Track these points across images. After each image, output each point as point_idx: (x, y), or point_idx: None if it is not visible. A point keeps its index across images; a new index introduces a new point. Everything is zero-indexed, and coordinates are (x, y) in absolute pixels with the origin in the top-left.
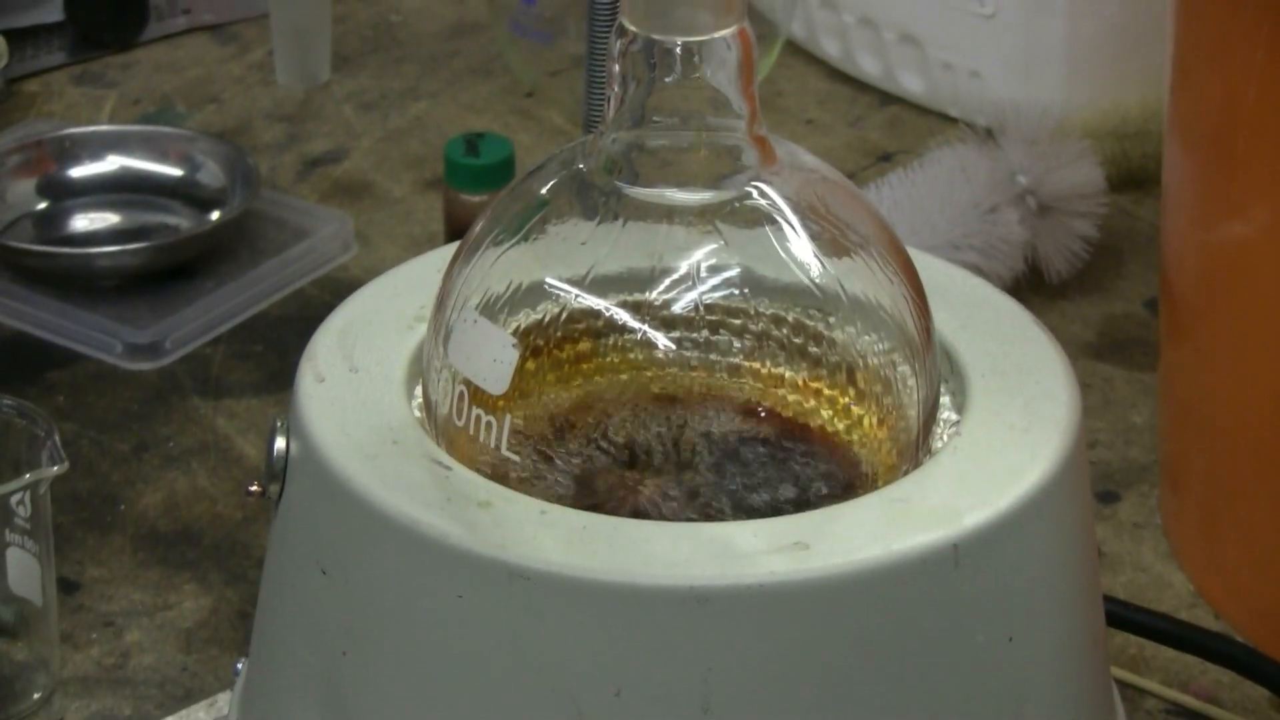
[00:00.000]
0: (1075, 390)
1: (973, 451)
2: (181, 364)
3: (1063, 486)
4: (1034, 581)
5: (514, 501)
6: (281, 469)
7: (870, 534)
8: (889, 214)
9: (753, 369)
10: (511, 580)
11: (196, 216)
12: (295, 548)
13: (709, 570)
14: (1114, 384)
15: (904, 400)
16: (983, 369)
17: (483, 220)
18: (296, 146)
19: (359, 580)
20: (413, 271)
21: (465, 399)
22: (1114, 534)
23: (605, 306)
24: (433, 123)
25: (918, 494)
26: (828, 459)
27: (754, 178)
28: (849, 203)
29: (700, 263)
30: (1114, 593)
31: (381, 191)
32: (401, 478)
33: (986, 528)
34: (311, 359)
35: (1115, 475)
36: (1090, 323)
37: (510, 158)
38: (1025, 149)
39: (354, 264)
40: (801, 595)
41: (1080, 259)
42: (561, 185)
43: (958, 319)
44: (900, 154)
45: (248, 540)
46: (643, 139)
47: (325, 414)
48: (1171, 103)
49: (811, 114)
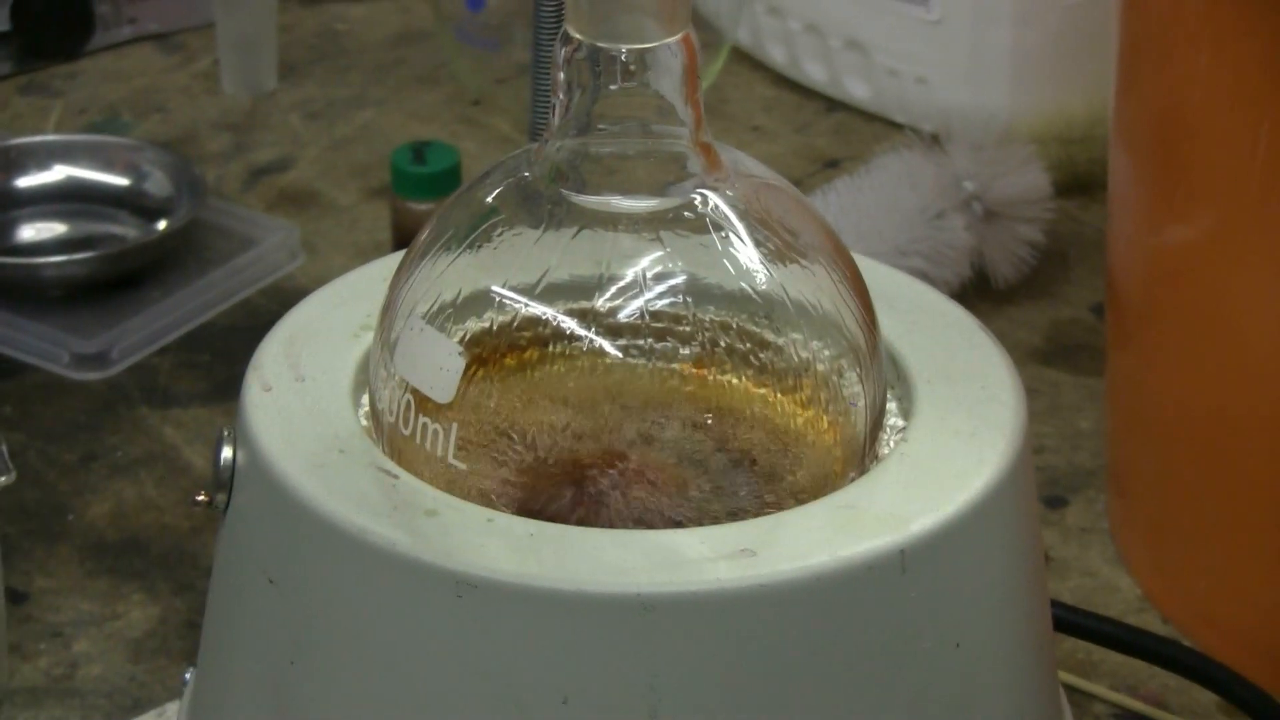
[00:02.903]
0: (1022, 395)
1: (919, 457)
2: (129, 374)
3: (1010, 492)
4: (981, 587)
5: (460, 510)
6: (228, 478)
7: (817, 540)
8: (835, 220)
9: (699, 376)
10: (458, 588)
11: (143, 226)
12: (242, 557)
13: (656, 577)
14: (1061, 389)
15: (850, 407)
16: (929, 375)
17: (429, 228)
18: (243, 155)
19: (306, 589)
20: (359, 280)
21: (412, 407)
22: (1061, 539)
23: (552, 314)
24: (379, 131)
25: (865, 500)
26: (774, 465)
27: (699, 185)
28: (795, 210)
29: (646, 270)
30: (1062, 597)
31: (328, 200)
32: (348, 487)
33: (933, 533)
34: (258, 368)
35: (1062, 480)
36: (1037, 328)
37: (457, 166)
38: (971, 155)
39: (301, 273)
40: (748, 602)
41: (1027, 264)
42: (507, 193)
43: (904, 325)
44: (847, 160)
45: (195, 550)
46: (588, 146)
47: (272, 423)
48: (1116, 107)
49: (758, 120)
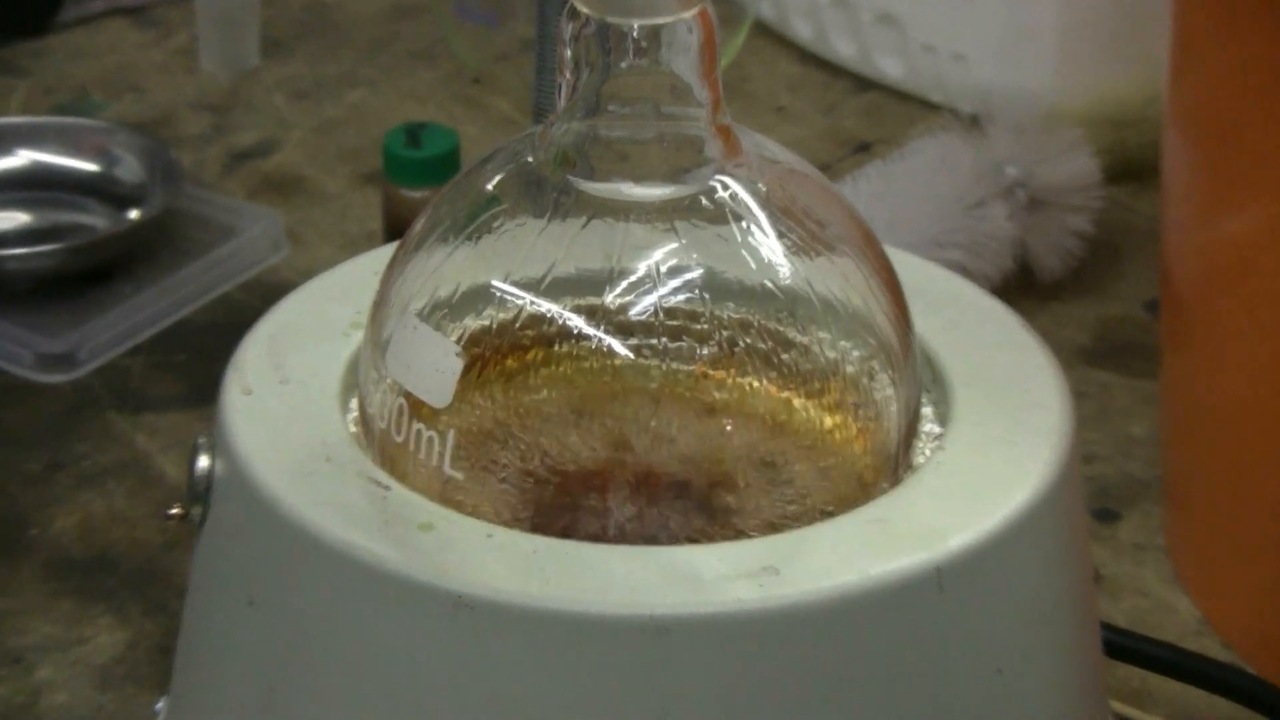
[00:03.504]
0: (1068, 399)
1: (957, 467)
2: (97, 375)
3: (1055, 504)
4: (1025, 608)
5: (458, 524)
6: (205, 490)
7: (846, 558)
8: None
9: (718, 379)
10: (455, 609)
11: (114, 215)
12: (220, 576)
13: (670, 598)
14: (1111, 392)
15: (882, 412)
16: (967, 377)
17: (424, 218)
18: (223, 139)
19: (290, 610)
20: (349, 274)
21: (405, 412)
22: (1113, 556)
23: (558, 312)
24: (371, 112)
25: (897, 514)
26: (798, 476)
27: (717, 171)
28: (822, 198)
29: (659, 264)
30: (1113, 620)
31: (315, 187)
32: (336, 498)
33: (972, 550)
34: (238, 369)
35: (1114, 492)
36: (1085, 326)
37: (455, 150)
38: (1014, 138)
39: (285, 266)
40: (771, 625)
41: (1074, 257)
42: (510, 180)
43: (940, 323)
44: (878, 144)
45: (169, 568)
46: (597, 130)
47: (253, 430)
48: (1172, 87)
49: (782, 101)
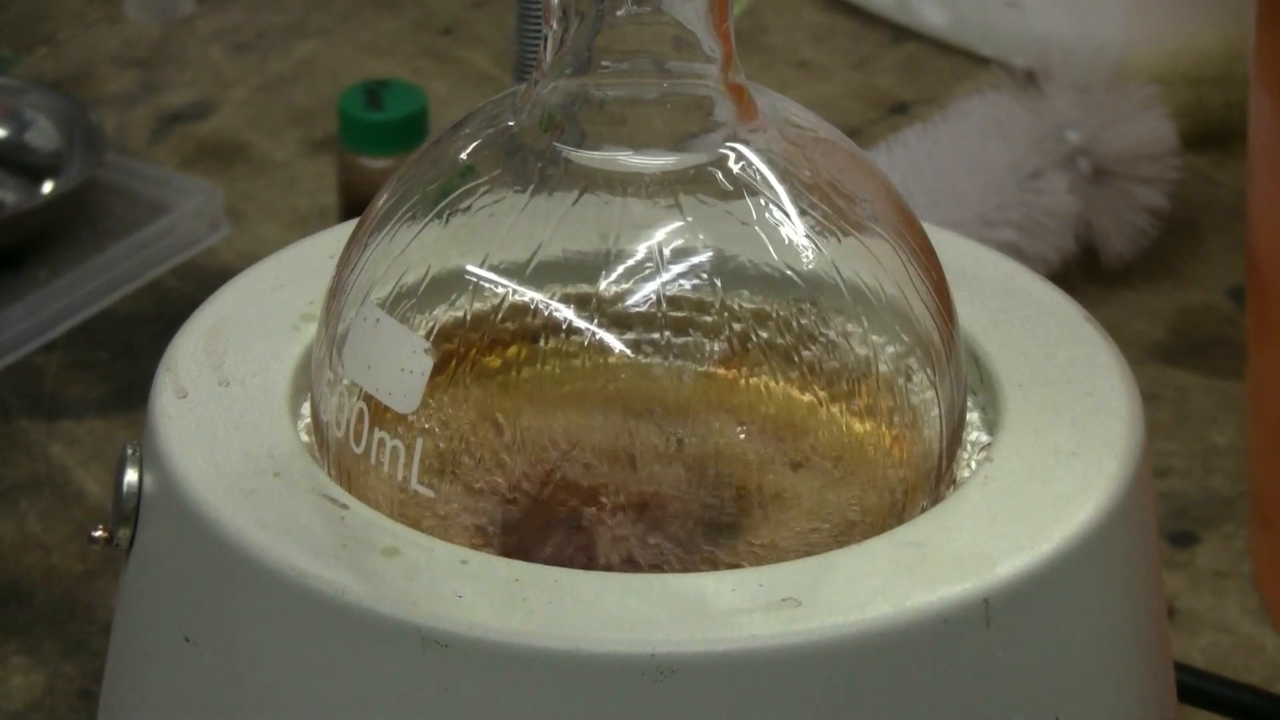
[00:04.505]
0: (1138, 404)
1: (1008, 482)
2: (6, 376)
3: (1122, 526)
4: (1086, 646)
5: (428, 548)
6: (133, 509)
7: (878, 587)
8: (903, 182)
9: (729, 379)
10: (425, 648)
11: (25, 188)
12: (151, 609)
13: (675, 634)
14: (1190, 395)
15: (920, 417)
16: (1021, 378)
17: (387, 192)
18: (151, 99)
19: (233, 649)
20: (299, 257)
21: (366, 419)
22: (1190, 585)
23: (544, 301)
24: (323, 68)
25: (939, 536)
26: (823, 491)
27: (729, 137)
28: (851, 168)
29: (662, 245)
30: (1191, 659)
31: (259, 155)
32: (285, 519)
33: (1025, 579)
34: (171, 369)
35: (1192, 511)
36: (1160, 317)
37: (422, 112)
38: (1076, 98)
39: (225, 247)
40: (791, 665)
41: (1147, 237)
42: (487, 147)
43: (989, 314)
44: (918, 105)
45: (91, 600)
46: (589, 89)
47: (189, 439)
48: (1258, 39)
49: (805, 55)
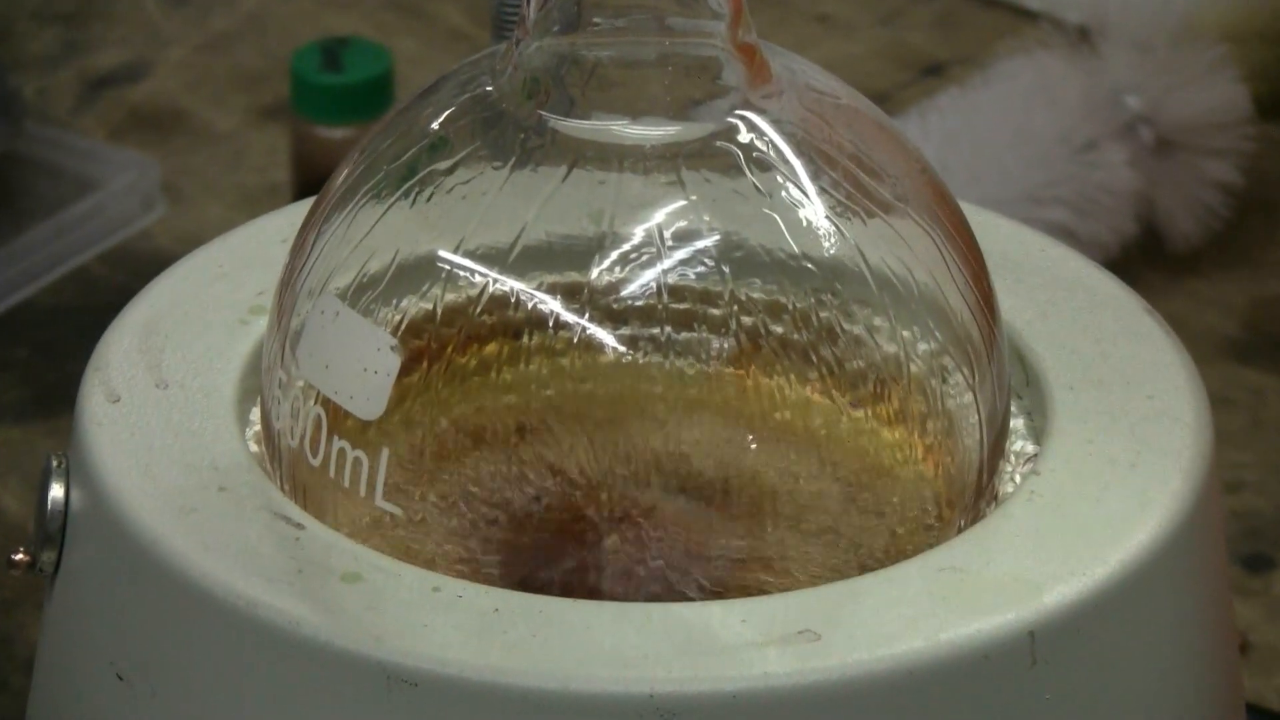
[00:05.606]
0: (1206, 409)
1: (1057, 499)
2: None
3: (1186, 548)
4: (1144, 686)
5: (395, 574)
6: (59, 529)
7: (909, 618)
8: (937, 155)
9: (739, 379)
10: (391, 686)
11: None
12: (80, 642)
13: (677, 671)
14: (1267, 399)
15: (957, 424)
16: (1071, 379)
17: (348, 167)
18: (76, 60)
19: (172, 688)
20: (246, 241)
21: (324, 427)
22: (1266, 616)
23: (526, 292)
24: (273, 23)
25: (978, 560)
26: (846, 509)
27: (739, 104)
28: (878, 140)
29: (663, 228)
30: (1265, 701)
31: (200, 124)
32: (232, 541)
33: (1076, 608)
34: (101, 370)
35: (1268, 532)
36: (1232, 310)
37: (387, 74)
38: (1136, 58)
39: (161, 230)
40: (810, 706)
41: (1216, 217)
42: (462, 116)
43: (1037, 307)
44: (955, 66)
45: (9, 633)
46: (578, 49)
47: (122, 449)
48: None
49: (826, 9)
